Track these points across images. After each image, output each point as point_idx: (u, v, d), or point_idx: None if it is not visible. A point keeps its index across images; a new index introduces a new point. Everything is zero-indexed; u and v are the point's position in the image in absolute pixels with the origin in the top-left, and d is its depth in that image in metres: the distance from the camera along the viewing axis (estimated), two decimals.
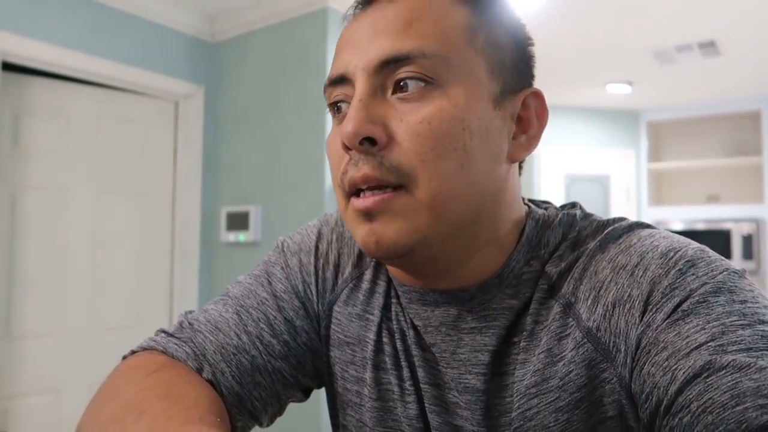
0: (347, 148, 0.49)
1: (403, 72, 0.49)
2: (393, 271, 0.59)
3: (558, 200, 4.57)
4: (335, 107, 0.54)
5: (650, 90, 4.21)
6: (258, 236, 2.73)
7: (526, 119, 0.56)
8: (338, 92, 0.53)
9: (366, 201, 0.49)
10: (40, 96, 2.50)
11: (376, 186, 0.49)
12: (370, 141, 0.48)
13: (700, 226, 4.48)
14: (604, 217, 0.58)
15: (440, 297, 0.55)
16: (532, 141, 0.56)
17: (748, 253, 4.26)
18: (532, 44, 0.57)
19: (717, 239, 4.33)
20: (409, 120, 0.49)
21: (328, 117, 2.53)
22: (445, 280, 0.55)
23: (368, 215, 0.49)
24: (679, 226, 4.56)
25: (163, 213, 2.88)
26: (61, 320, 2.52)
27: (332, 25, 2.58)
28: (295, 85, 2.65)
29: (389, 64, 0.49)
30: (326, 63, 2.54)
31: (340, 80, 0.52)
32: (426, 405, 0.56)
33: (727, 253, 4.29)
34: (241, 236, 2.75)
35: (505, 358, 0.53)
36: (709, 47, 3.27)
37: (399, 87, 0.50)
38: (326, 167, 2.51)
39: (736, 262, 4.26)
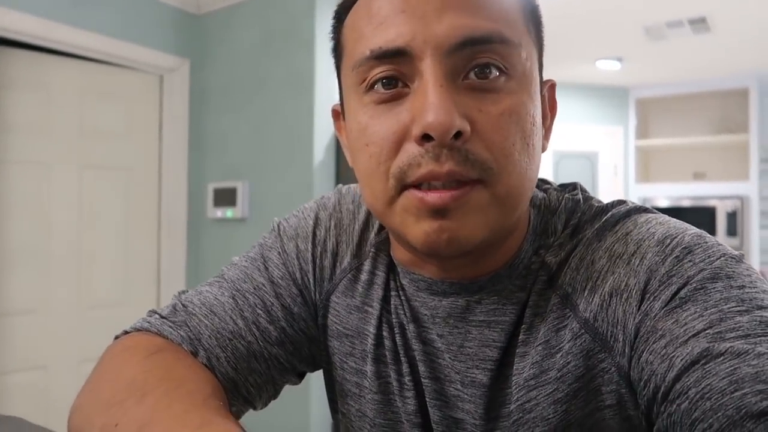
0: (425, 139, 0.44)
1: (483, 57, 0.45)
2: (402, 258, 0.57)
3: (546, 177, 4.56)
4: (383, 82, 0.47)
5: (640, 66, 4.20)
6: (246, 212, 2.71)
7: (543, 110, 0.55)
8: (389, 68, 0.46)
9: (443, 197, 0.44)
10: (21, 68, 2.43)
11: (454, 180, 0.45)
12: (456, 134, 0.44)
13: (686, 203, 4.52)
14: (604, 201, 0.57)
15: (449, 287, 0.54)
16: (548, 132, 0.56)
17: (732, 230, 4.32)
18: None
19: (702, 216, 4.38)
20: (490, 111, 0.45)
21: (318, 91, 2.48)
22: (467, 270, 0.53)
23: (441, 212, 0.45)
24: (665, 203, 4.60)
25: (149, 189, 2.84)
26: (47, 297, 2.49)
27: None
28: (283, 59, 2.60)
29: (466, 46, 0.45)
30: (315, 37, 2.49)
31: (395, 54, 0.45)
32: (427, 399, 0.56)
33: (711, 230, 4.34)
34: (229, 212, 2.73)
35: (508, 351, 0.53)
36: (699, 23, 3.26)
37: (475, 73, 0.46)
38: (315, 143, 2.48)
39: (720, 238, 4.31)
